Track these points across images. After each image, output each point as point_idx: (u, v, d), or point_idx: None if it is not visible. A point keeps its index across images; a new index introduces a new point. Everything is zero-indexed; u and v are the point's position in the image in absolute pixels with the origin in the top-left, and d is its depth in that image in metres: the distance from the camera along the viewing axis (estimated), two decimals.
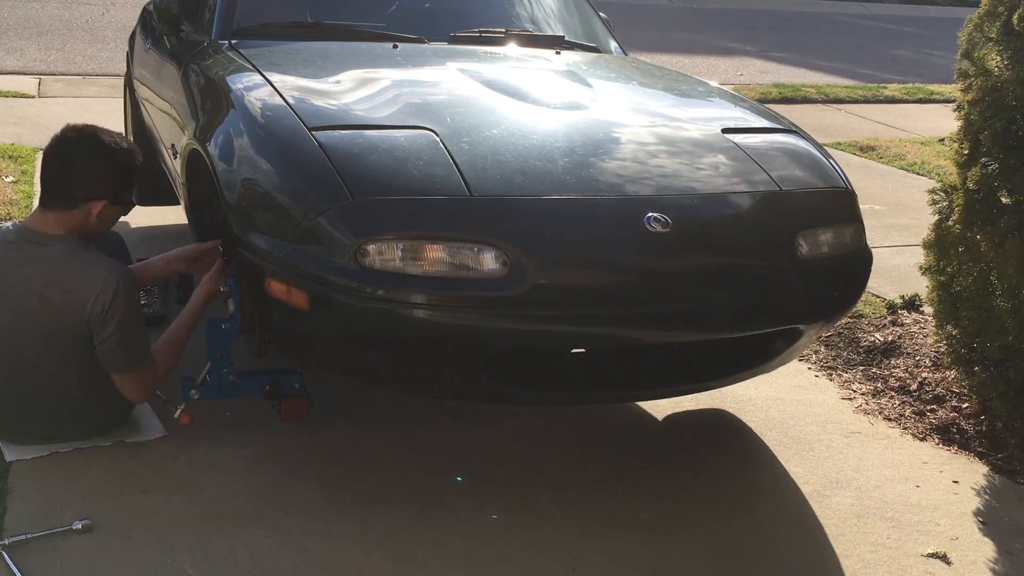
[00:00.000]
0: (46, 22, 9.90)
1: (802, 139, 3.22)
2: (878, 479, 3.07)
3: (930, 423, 3.43)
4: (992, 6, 3.24)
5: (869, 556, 2.69)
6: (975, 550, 2.77)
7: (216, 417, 3.00)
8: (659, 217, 2.58)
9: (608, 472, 2.98)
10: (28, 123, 6.31)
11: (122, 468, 2.75)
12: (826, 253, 2.82)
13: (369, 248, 2.41)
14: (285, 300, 2.53)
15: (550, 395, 2.76)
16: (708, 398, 3.44)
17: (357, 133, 2.75)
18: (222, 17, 3.69)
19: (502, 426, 3.19)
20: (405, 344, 2.50)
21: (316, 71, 3.27)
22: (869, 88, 10.12)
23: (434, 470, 2.89)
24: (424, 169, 2.59)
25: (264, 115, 2.83)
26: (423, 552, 2.53)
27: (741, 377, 2.92)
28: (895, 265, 4.91)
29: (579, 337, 2.59)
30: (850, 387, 3.67)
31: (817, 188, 2.97)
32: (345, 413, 3.14)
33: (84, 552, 2.40)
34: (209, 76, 3.28)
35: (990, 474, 3.17)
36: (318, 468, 2.84)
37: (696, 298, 2.60)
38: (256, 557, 2.45)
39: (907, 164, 7.20)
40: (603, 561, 2.56)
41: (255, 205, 2.66)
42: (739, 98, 3.62)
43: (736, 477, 3.04)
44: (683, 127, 3.16)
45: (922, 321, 4.10)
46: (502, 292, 2.42)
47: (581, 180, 2.67)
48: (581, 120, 3.02)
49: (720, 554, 2.64)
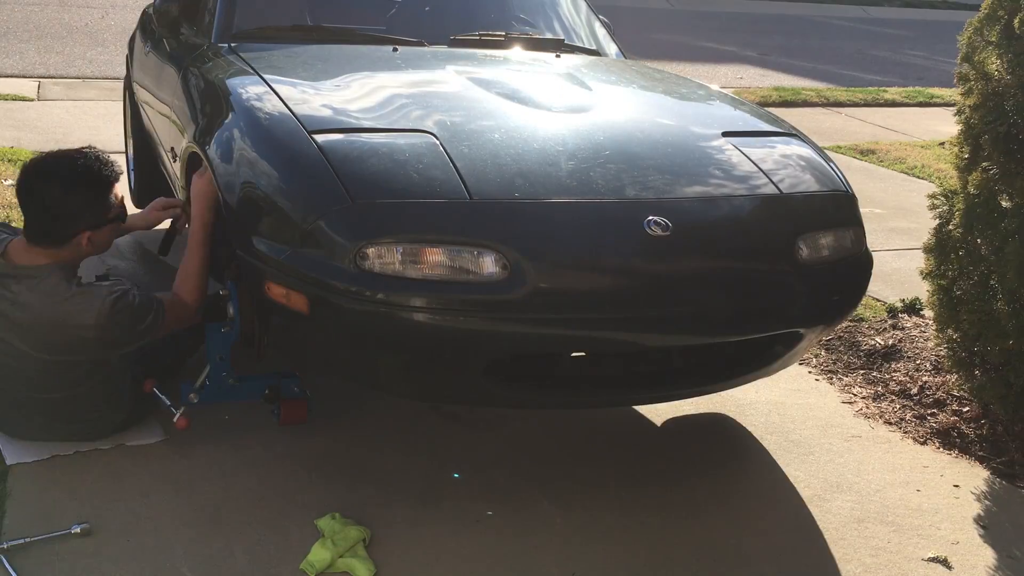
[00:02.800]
0: (46, 25, 9.90)
1: (802, 142, 3.22)
2: (878, 483, 3.07)
3: (931, 427, 3.42)
4: (992, 10, 3.24)
5: (870, 560, 2.69)
6: (976, 554, 2.76)
7: (215, 420, 2.99)
8: (659, 221, 2.58)
9: (608, 476, 2.98)
10: (28, 126, 6.31)
11: (121, 472, 2.75)
12: (826, 257, 2.81)
13: (369, 251, 2.41)
14: (285, 303, 2.52)
15: (550, 399, 2.76)
16: (708, 402, 3.43)
17: (357, 136, 2.74)
18: (222, 20, 3.69)
19: (502, 430, 3.19)
20: (405, 348, 2.50)
21: (316, 74, 3.27)
22: (869, 92, 10.12)
23: (433, 473, 2.89)
24: (424, 172, 2.59)
25: (264, 118, 2.83)
26: (422, 555, 2.52)
27: (741, 381, 2.92)
28: (895, 269, 4.91)
29: (579, 341, 2.58)
30: (850, 391, 3.67)
31: (817, 192, 2.96)
32: (344, 417, 3.14)
33: (83, 556, 2.40)
34: (209, 79, 3.28)
35: (991, 478, 3.17)
36: (317, 471, 2.83)
37: (696, 302, 2.59)
38: (255, 560, 2.44)
39: (907, 168, 7.20)
40: (603, 564, 2.56)
41: (254, 208, 2.65)
42: (739, 101, 3.62)
43: (736, 481, 3.03)
44: (683, 130, 3.16)
45: (923, 325, 4.09)
46: (502, 295, 2.42)
47: (581, 183, 2.67)
48: (581, 123, 3.01)
49: (721, 558, 2.63)
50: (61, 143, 6.09)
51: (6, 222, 3.38)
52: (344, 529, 2.52)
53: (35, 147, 5.83)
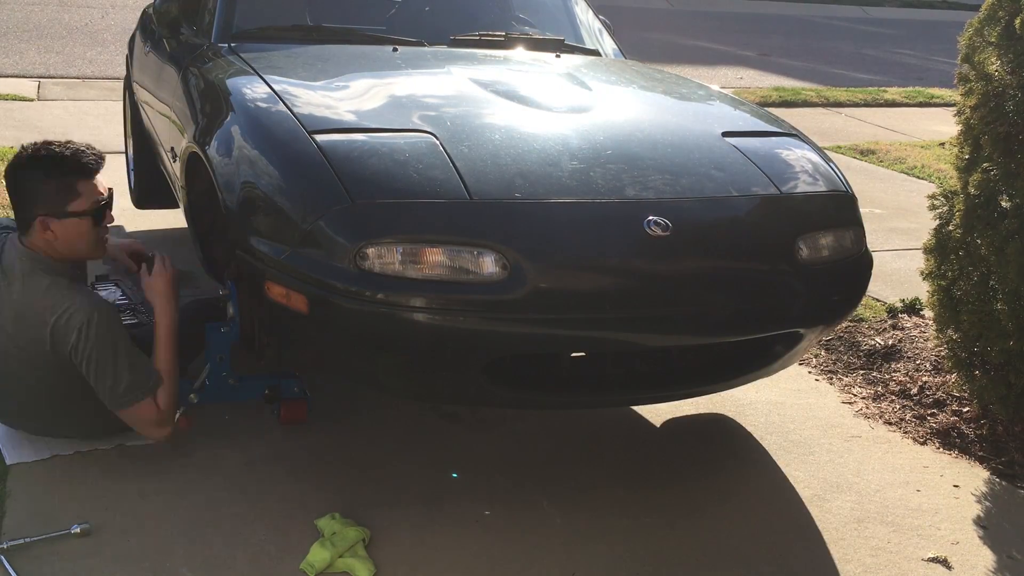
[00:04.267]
0: (46, 25, 9.90)
1: (802, 143, 3.22)
2: (878, 483, 3.07)
3: (931, 427, 3.42)
4: (992, 10, 3.24)
5: (869, 560, 2.69)
6: (975, 555, 2.76)
7: (215, 421, 2.99)
8: (659, 221, 2.58)
9: (608, 476, 2.98)
10: (27, 126, 6.31)
11: (121, 472, 2.75)
12: (826, 257, 2.81)
13: (369, 251, 2.41)
14: (284, 304, 2.52)
15: (550, 399, 2.76)
16: (708, 402, 3.43)
17: (357, 136, 2.74)
18: (222, 20, 3.69)
19: (501, 430, 3.19)
20: (404, 348, 2.50)
21: (316, 74, 3.27)
22: (869, 92, 10.13)
23: (433, 473, 2.89)
24: (424, 172, 2.59)
25: (264, 118, 2.83)
26: (422, 555, 2.52)
27: (741, 381, 2.92)
28: (895, 269, 4.91)
29: (579, 341, 2.58)
30: (850, 391, 3.67)
31: (817, 192, 2.96)
32: (344, 417, 3.14)
33: (83, 556, 2.40)
34: (209, 79, 3.28)
35: (991, 478, 3.17)
36: (317, 472, 2.83)
37: (696, 302, 2.59)
38: (255, 560, 2.44)
39: (907, 168, 7.20)
40: (603, 565, 2.56)
41: (254, 208, 2.65)
42: (739, 101, 3.62)
43: (736, 481, 3.03)
44: (683, 130, 3.16)
45: (922, 325, 4.09)
46: (501, 296, 2.42)
47: (581, 183, 2.67)
48: (581, 123, 3.01)
49: (720, 558, 2.63)
50: None
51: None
52: (344, 529, 2.52)
53: None
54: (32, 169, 2.67)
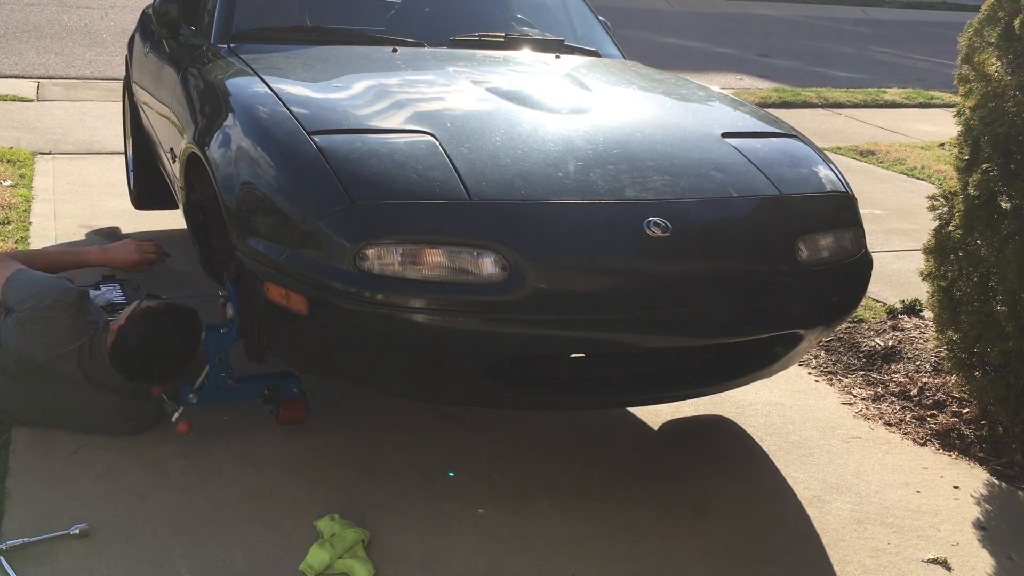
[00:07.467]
0: (45, 25, 9.91)
1: (802, 143, 3.21)
2: (878, 484, 3.06)
3: (930, 428, 3.42)
4: (992, 11, 3.24)
5: (869, 562, 2.68)
6: (975, 556, 2.76)
7: (214, 421, 2.99)
8: (659, 221, 2.57)
9: (608, 477, 2.97)
10: (26, 127, 6.32)
11: (120, 473, 2.75)
12: (826, 258, 2.81)
13: (368, 252, 2.41)
14: (284, 304, 2.52)
15: (549, 400, 2.76)
16: (708, 403, 3.43)
17: (356, 137, 2.74)
18: (221, 21, 3.69)
19: (501, 430, 3.19)
20: (404, 348, 2.50)
21: (315, 75, 3.27)
22: (869, 92, 10.13)
23: (433, 474, 2.88)
24: (423, 173, 2.59)
25: (263, 119, 2.82)
26: (422, 555, 2.52)
27: (741, 382, 2.91)
28: (895, 270, 4.91)
29: (578, 342, 2.58)
30: (850, 392, 3.67)
31: (817, 192, 2.96)
32: (343, 417, 3.14)
33: (82, 557, 2.40)
34: (208, 80, 3.27)
35: (991, 479, 3.16)
36: (316, 472, 2.83)
37: (696, 303, 2.59)
38: (254, 561, 2.44)
39: (907, 169, 7.20)
40: (602, 565, 2.56)
41: (254, 209, 2.65)
42: (739, 102, 3.62)
43: (736, 482, 3.03)
44: (683, 131, 3.15)
45: (922, 326, 4.09)
46: (501, 296, 2.41)
47: (581, 184, 2.66)
48: (581, 124, 3.01)
49: (719, 559, 2.63)
50: (60, 143, 6.10)
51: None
52: (343, 530, 2.52)
53: (34, 148, 5.84)
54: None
